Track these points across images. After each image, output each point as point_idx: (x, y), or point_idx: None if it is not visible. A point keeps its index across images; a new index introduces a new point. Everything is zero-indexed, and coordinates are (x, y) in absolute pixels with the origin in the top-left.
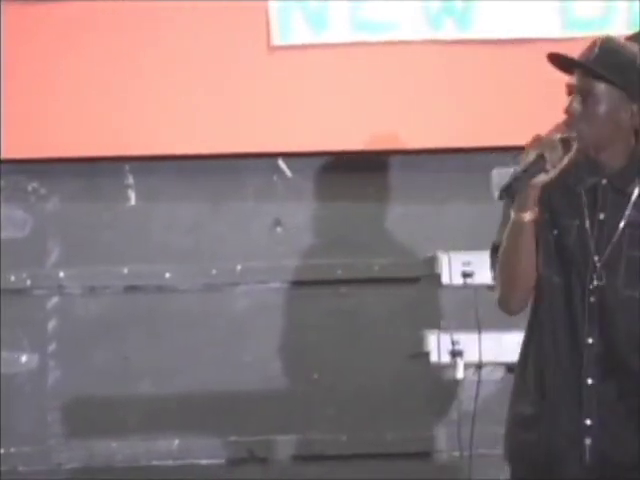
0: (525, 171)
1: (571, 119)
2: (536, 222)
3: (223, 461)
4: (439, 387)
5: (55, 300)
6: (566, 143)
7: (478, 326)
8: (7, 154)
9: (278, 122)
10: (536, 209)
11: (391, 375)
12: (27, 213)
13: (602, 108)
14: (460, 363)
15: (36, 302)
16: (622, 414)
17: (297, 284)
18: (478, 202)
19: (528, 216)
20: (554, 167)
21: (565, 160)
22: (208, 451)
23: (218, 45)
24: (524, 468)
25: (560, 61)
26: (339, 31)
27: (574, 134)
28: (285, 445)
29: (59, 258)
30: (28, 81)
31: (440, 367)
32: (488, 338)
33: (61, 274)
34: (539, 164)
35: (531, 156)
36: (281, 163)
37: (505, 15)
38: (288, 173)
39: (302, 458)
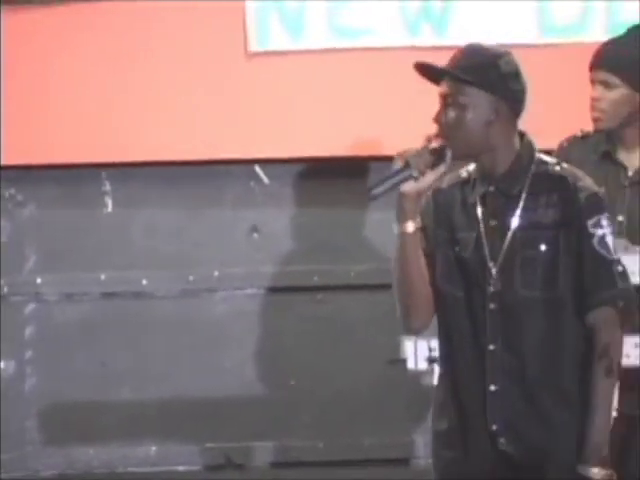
0: (387, 178)
1: (441, 128)
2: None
3: (200, 467)
4: (416, 393)
5: (32, 306)
6: (438, 152)
7: None
8: None
9: (255, 128)
10: (418, 220)
11: (368, 381)
12: (4, 219)
13: (470, 113)
14: (437, 369)
15: (13, 308)
16: (526, 418)
17: (274, 290)
18: None
19: (409, 227)
20: (422, 175)
21: (441, 169)
22: (185, 457)
23: (196, 51)
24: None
25: (426, 71)
26: (316, 37)
27: (446, 143)
28: (262, 451)
29: (36, 264)
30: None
31: (417, 373)
32: None
33: (38, 280)
34: (404, 172)
35: (396, 164)
36: (258, 170)
37: (482, 21)
38: (265, 180)
39: (279, 464)
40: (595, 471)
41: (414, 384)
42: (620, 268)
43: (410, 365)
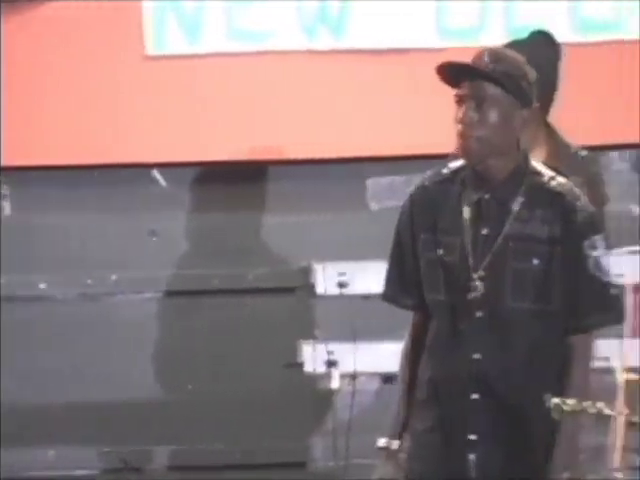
0: None
1: (466, 128)
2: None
3: (98, 471)
4: (315, 397)
5: None
6: None
7: (353, 336)
8: None
9: (153, 132)
10: None
11: (267, 385)
12: None
13: (498, 113)
14: (335, 373)
15: None
16: (506, 431)
17: (173, 294)
18: (354, 212)
19: None
20: None
21: None
22: (84, 461)
23: (93, 55)
24: None
25: (448, 71)
26: (214, 40)
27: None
28: (160, 455)
29: None
30: None
31: (316, 377)
32: (363, 348)
33: None
34: None
35: None
36: (156, 173)
37: (380, 24)
38: (163, 183)
39: (177, 468)
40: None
41: (312, 388)
42: (614, 291)
43: (308, 368)
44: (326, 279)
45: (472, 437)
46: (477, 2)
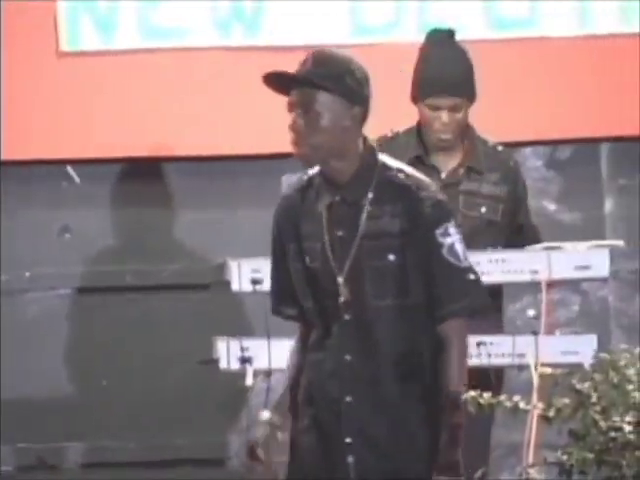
0: None
1: (297, 135)
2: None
3: (12, 468)
4: (230, 394)
5: None
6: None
7: (268, 333)
8: None
9: (67, 129)
10: None
11: (182, 382)
12: None
13: (326, 118)
14: (249, 370)
15: None
16: (380, 431)
17: (86, 291)
18: (269, 208)
19: None
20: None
21: None
22: None
23: (6, 50)
24: None
25: (275, 80)
26: (128, 37)
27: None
28: (74, 452)
29: None
30: None
31: (230, 374)
32: (278, 345)
33: None
34: None
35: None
36: (70, 170)
37: (294, 21)
38: (77, 179)
39: (91, 465)
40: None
41: (227, 384)
42: (472, 276)
43: (223, 365)
44: (241, 276)
45: (348, 440)
46: (392, 0)
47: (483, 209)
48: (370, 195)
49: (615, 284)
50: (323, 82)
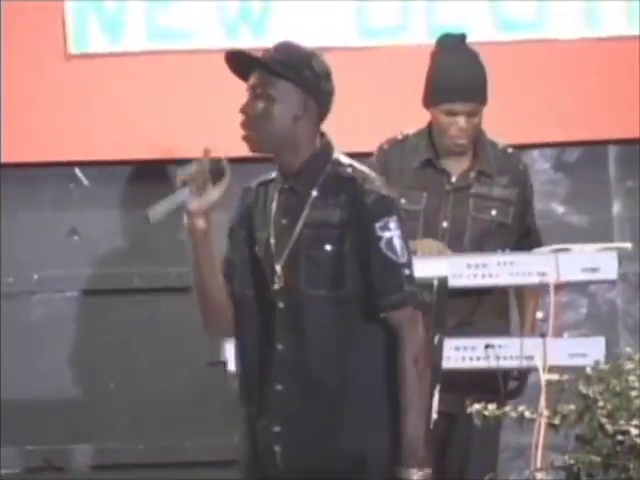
0: (165, 200)
1: (248, 119)
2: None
3: (20, 470)
4: (237, 396)
5: None
6: (215, 167)
7: None
8: None
9: (75, 131)
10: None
11: (189, 384)
12: None
13: (279, 106)
14: None
15: None
16: (308, 421)
17: (94, 293)
18: None
19: (200, 241)
20: (204, 191)
21: (225, 182)
22: (5, 460)
23: (15, 52)
24: (245, 474)
25: (236, 62)
26: (136, 39)
27: (225, 160)
28: (81, 454)
29: None
30: None
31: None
32: None
33: None
34: (180, 192)
35: (178, 184)
36: (78, 172)
37: (301, 22)
38: (85, 181)
39: (99, 467)
40: (412, 472)
41: (234, 386)
42: (407, 271)
43: (230, 367)
44: None
45: (276, 429)
46: (399, 2)
47: (494, 212)
48: (317, 186)
49: (623, 286)
50: (280, 68)
